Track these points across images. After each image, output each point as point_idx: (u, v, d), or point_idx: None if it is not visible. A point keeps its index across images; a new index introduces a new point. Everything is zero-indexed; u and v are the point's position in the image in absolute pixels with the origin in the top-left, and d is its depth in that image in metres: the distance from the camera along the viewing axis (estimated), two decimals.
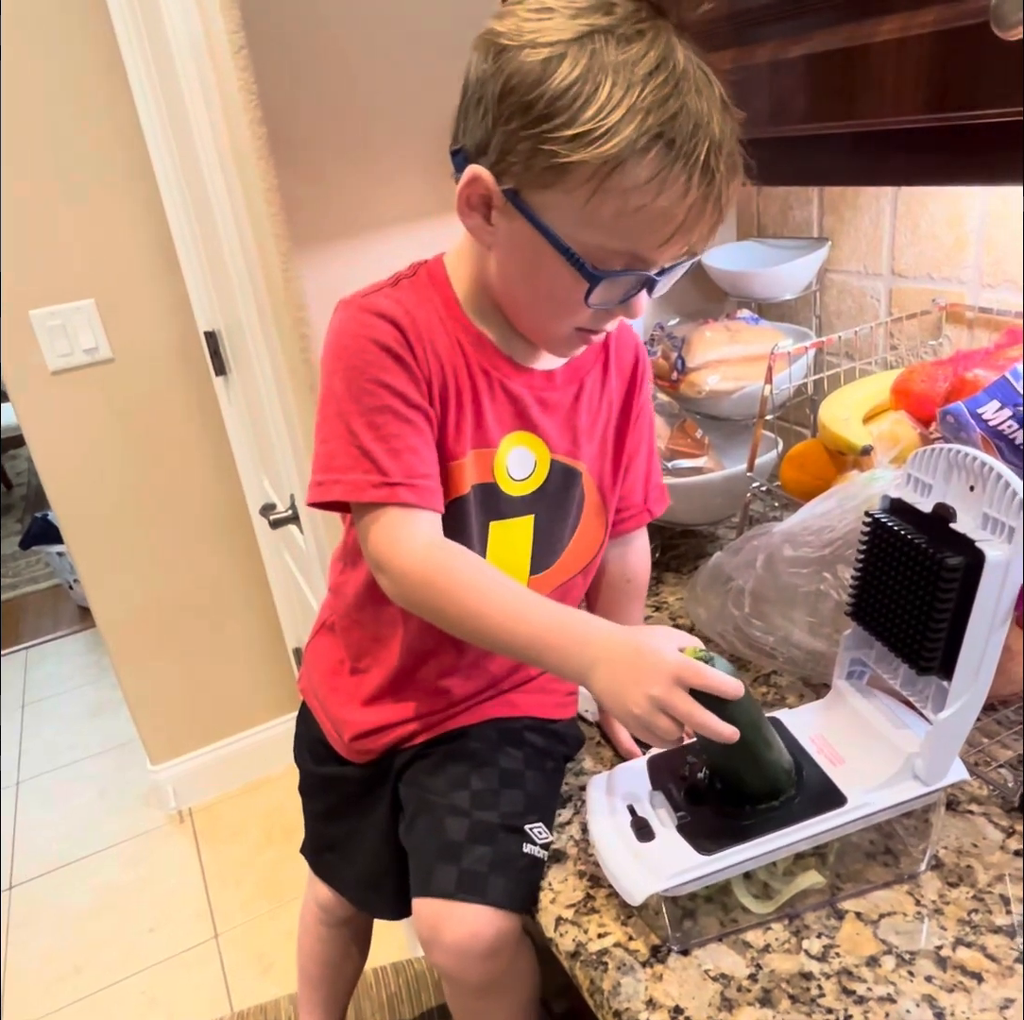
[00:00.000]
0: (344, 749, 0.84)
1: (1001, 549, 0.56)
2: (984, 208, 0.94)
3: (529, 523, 0.77)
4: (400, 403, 0.67)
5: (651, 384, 0.84)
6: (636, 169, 0.57)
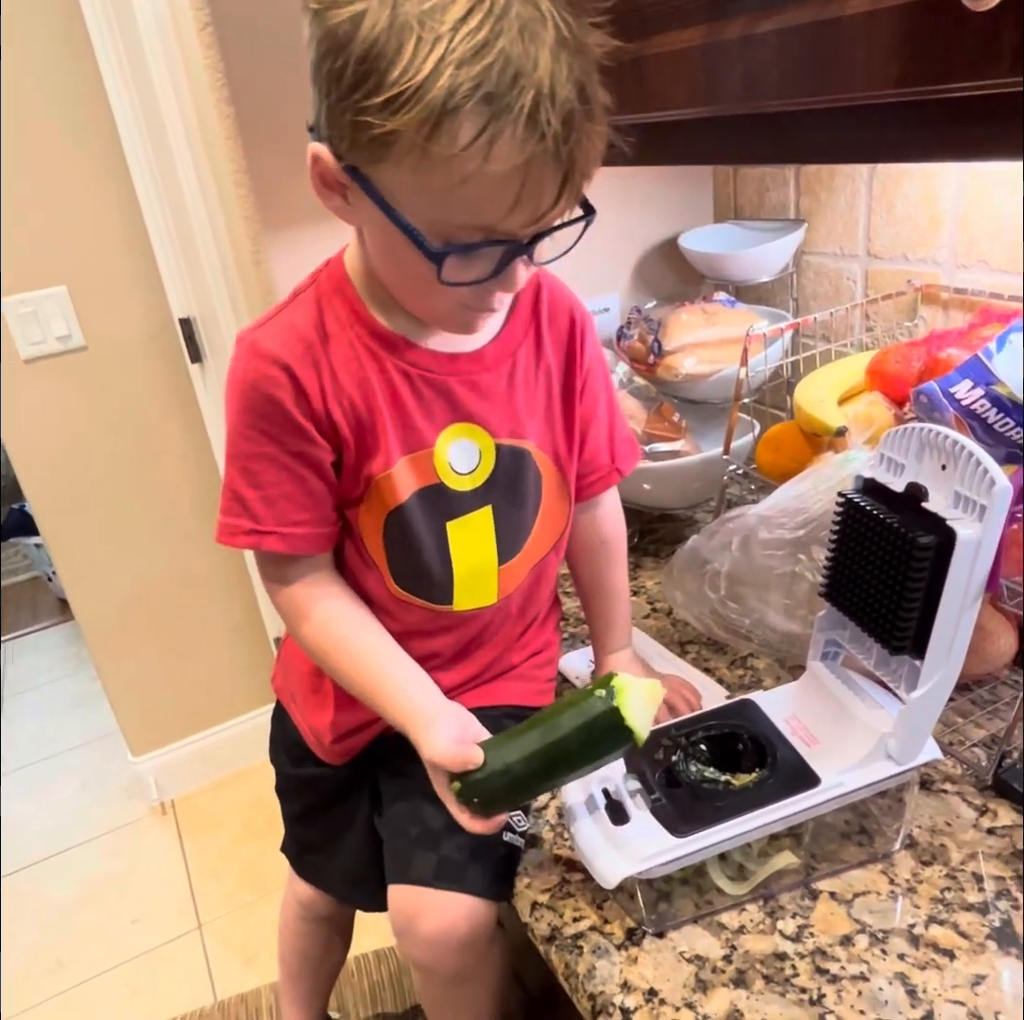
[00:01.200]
0: (324, 752, 0.83)
1: (972, 527, 0.56)
2: (958, 187, 0.94)
3: (488, 515, 0.74)
4: (278, 451, 0.66)
5: (596, 343, 0.79)
6: (454, 132, 0.50)
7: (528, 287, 0.73)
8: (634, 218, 1.25)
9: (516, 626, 0.81)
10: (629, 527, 1.15)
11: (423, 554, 0.72)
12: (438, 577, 0.73)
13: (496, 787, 0.64)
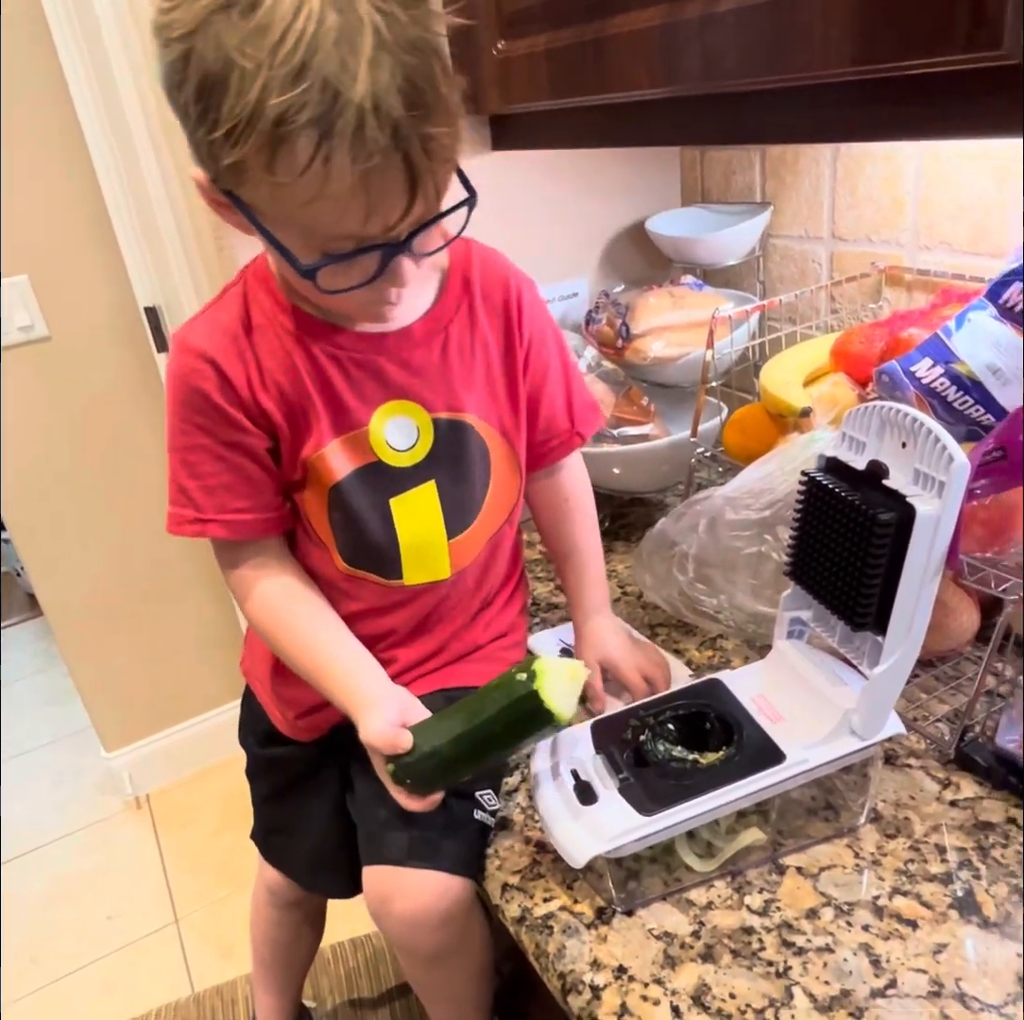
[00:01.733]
0: (290, 729, 0.83)
1: (932, 504, 0.57)
2: (919, 169, 0.95)
3: (431, 490, 0.74)
4: (212, 442, 0.69)
5: (539, 309, 0.79)
6: (290, 158, 0.51)
7: (458, 260, 0.74)
8: (601, 203, 1.25)
9: (474, 600, 0.81)
10: (600, 512, 1.15)
11: (368, 531, 0.73)
12: (385, 553, 0.74)
13: (426, 768, 0.67)
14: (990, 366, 0.66)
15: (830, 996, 0.56)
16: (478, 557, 0.79)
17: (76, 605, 1.84)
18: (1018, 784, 0.68)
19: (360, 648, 0.75)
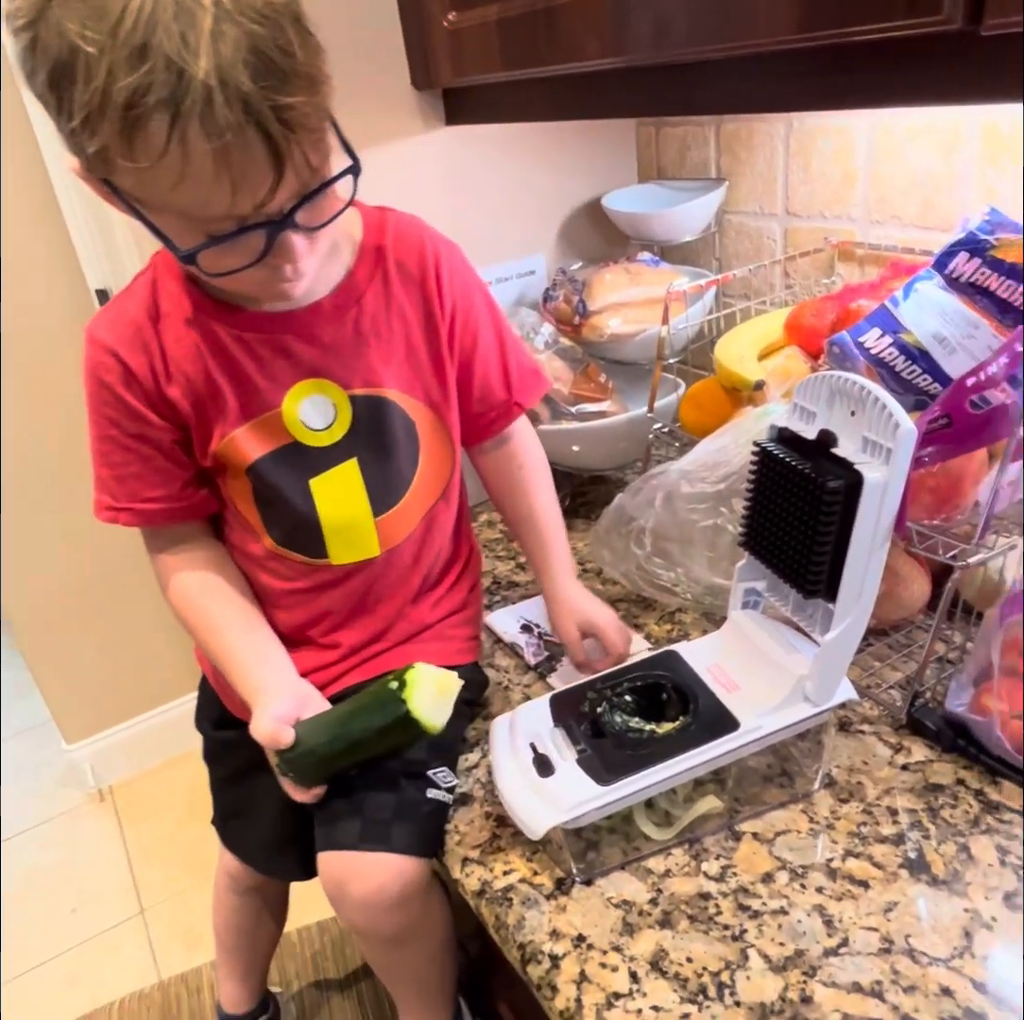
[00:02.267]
0: (240, 710, 0.82)
1: (879, 470, 0.57)
2: (869, 143, 0.95)
3: (353, 468, 0.73)
4: (120, 434, 0.70)
5: (464, 275, 0.76)
6: (147, 142, 0.49)
7: (372, 230, 0.72)
8: (558, 179, 1.24)
9: (413, 577, 0.80)
10: (561, 491, 1.15)
11: (290, 512, 0.73)
12: (309, 533, 0.74)
13: (306, 764, 0.70)
14: (936, 335, 0.67)
15: (784, 956, 0.57)
16: (413, 534, 0.78)
17: (34, 597, 1.80)
18: (966, 746, 0.70)
19: (268, 639, 0.76)
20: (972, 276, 0.68)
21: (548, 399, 1.05)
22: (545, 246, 1.25)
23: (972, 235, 0.67)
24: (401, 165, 1.11)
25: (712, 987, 0.56)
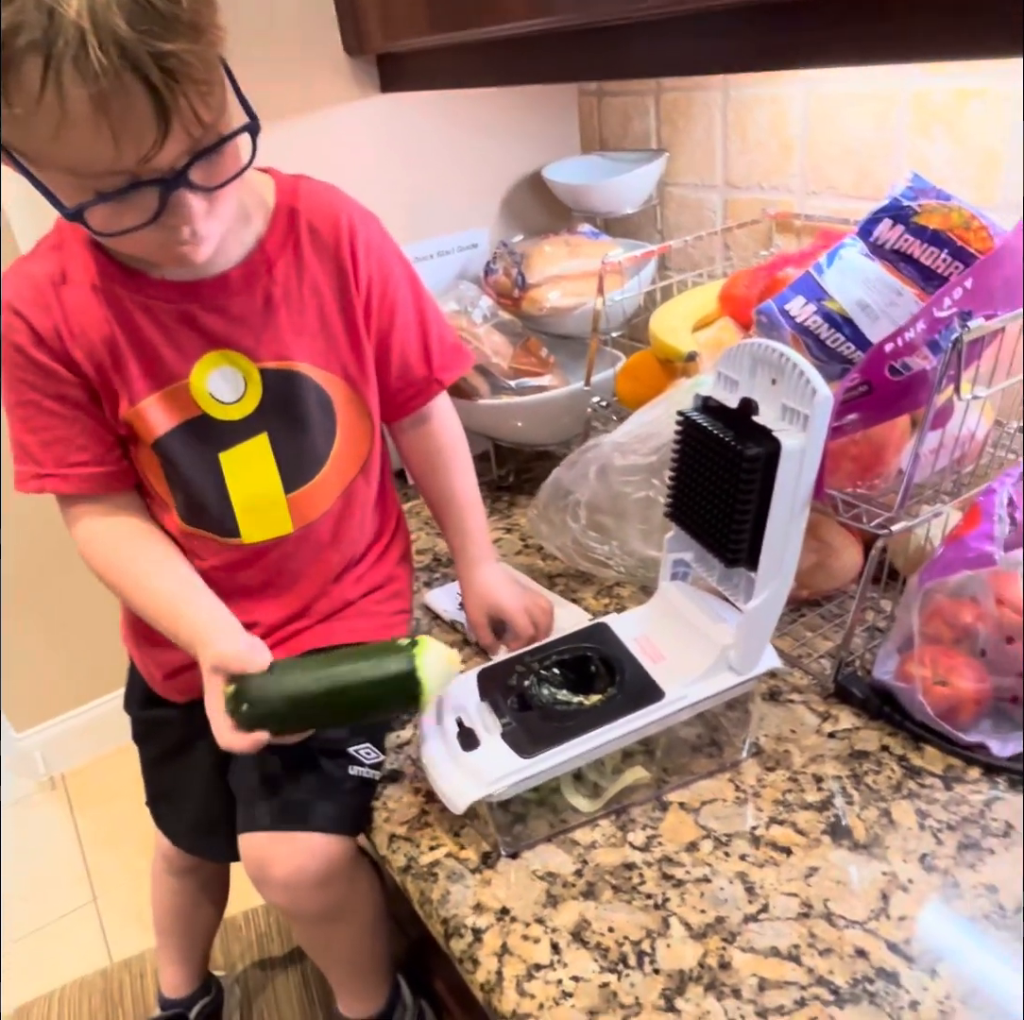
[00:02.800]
0: (162, 689, 0.81)
1: (797, 438, 0.57)
2: (804, 111, 0.95)
3: (264, 443, 0.71)
4: (40, 396, 0.67)
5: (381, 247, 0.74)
6: (21, 86, 0.47)
7: (285, 198, 0.70)
8: (501, 151, 1.22)
9: (332, 554, 0.78)
10: (504, 466, 1.14)
11: (198, 488, 0.71)
12: (218, 509, 0.72)
13: (271, 699, 0.63)
14: (860, 303, 0.67)
15: (705, 924, 0.57)
16: (330, 510, 0.76)
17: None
18: (892, 713, 0.70)
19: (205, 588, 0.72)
20: (896, 243, 0.68)
21: (487, 373, 1.04)
22: (488, 219, 1.24)
23: (896, 202, 0.67)
24: (337, 134, 1.08)
25: (632, 956, 0.56)
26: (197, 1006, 1.03)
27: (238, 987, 1.10)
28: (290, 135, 1.08)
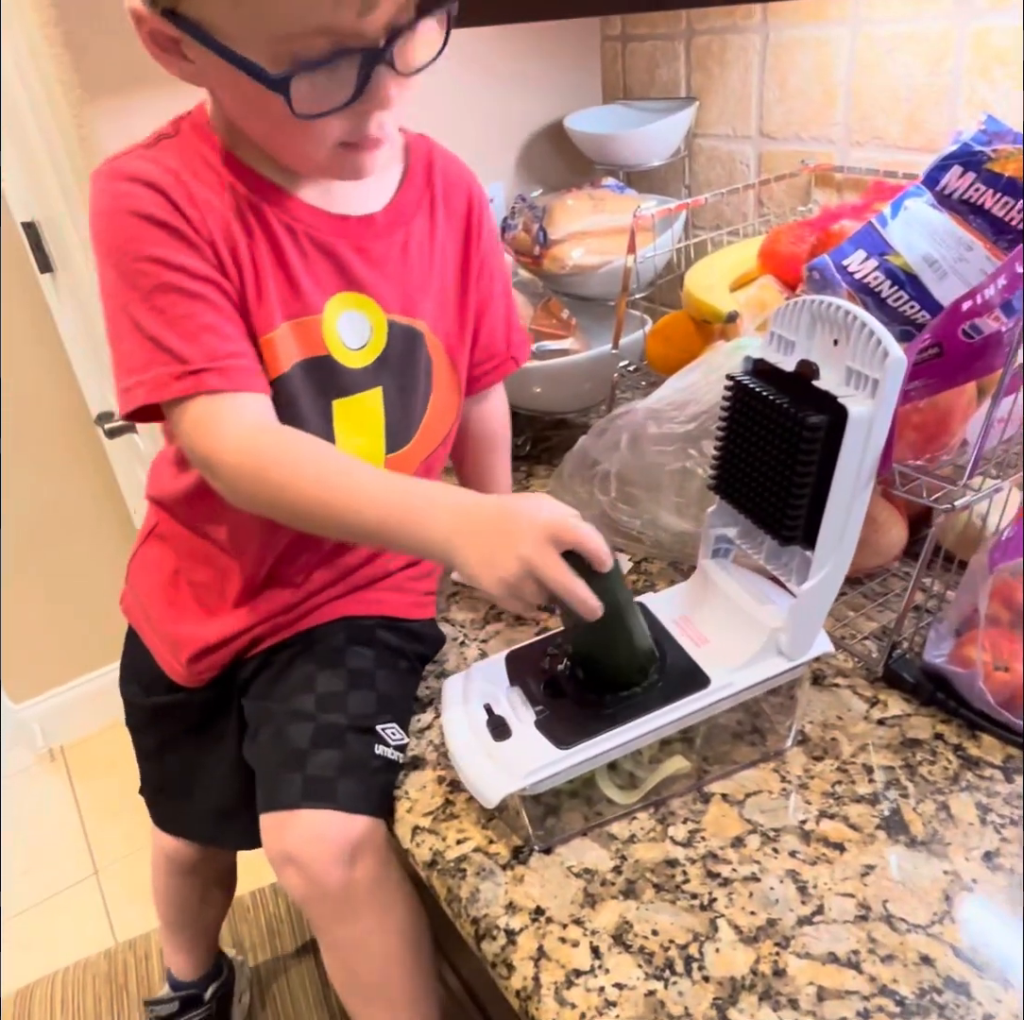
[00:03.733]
0: (180, 673, 0.76)
1: (865, 404, 0.52)
2: (851, 55, 0.88)
3: (377, 397, 0.68)
4: (183, 277, 0.58)
5: (493, 225, 0.75)
6: None
7: (420, 156, 0.69)
8: (518, 101, 1.16)
9: None
10: (521, 435, 1.09)
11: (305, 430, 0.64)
12: None
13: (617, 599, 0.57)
14: (926, 258, 0.62)
15: (756, 926, 0.54)
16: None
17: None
18: (945, 699, 0.66)
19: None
20: (966, 192, 0.62)
21: None
22: (505, 172, 1.17)
23: (966, 147, 0.61)
24: None
25: (679, 961, 0.52)
26: (211, 988, 0.99)
27: (248, 968, 1.07)
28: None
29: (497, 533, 0.55)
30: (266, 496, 0.60)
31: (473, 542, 0.56)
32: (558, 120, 1.15)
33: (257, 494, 0.60)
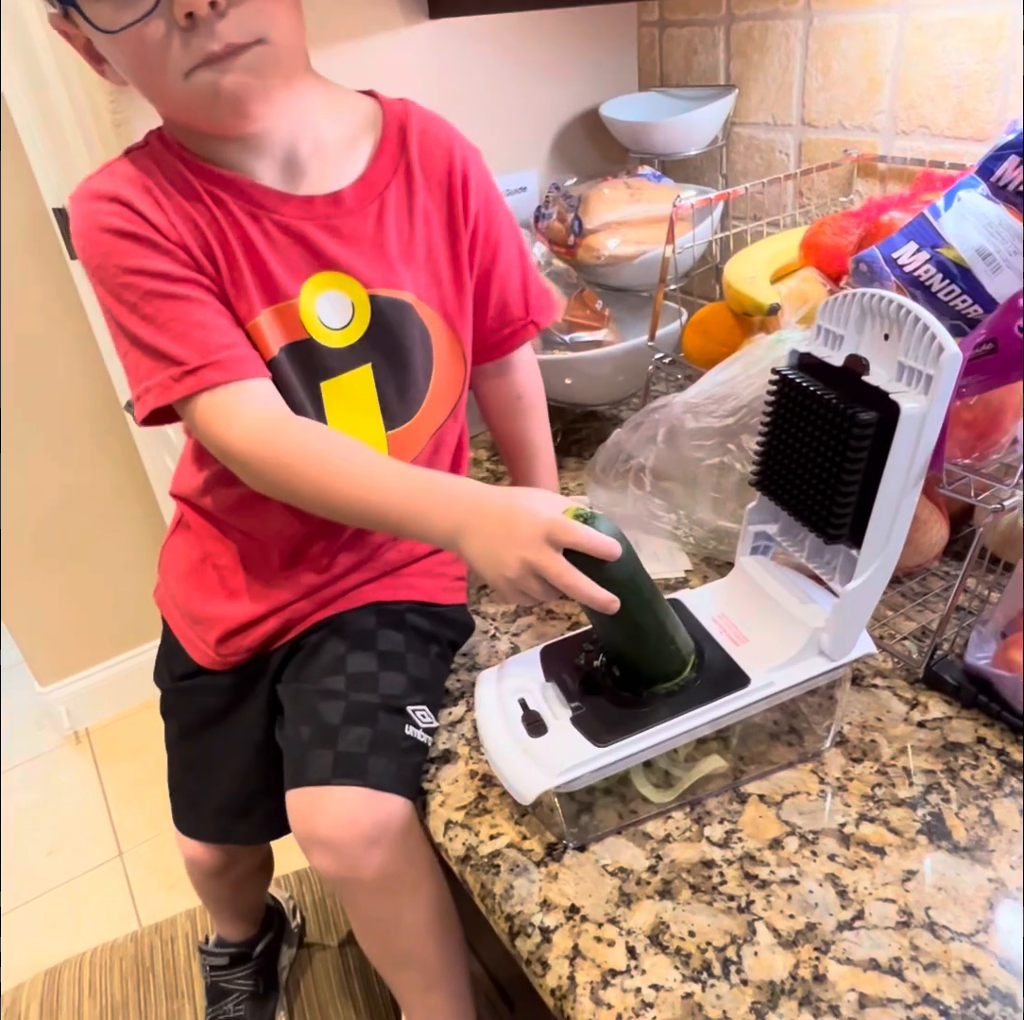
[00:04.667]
0: (207, 656, 0.76)
1: (917, 400, 0.51)
2: (898, 42, 0.86)
3: (367, 374, 0.68)
4: (164, 283, 0.60)
5: (487, 182, 0.72)
6: None
7: (393, 119, 0.68)
8: (552, 88, 1.14)
9: None
10: (552, 426, 1.08)
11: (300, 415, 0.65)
12: None
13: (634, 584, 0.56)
14: (980, 251, 0.60)
15: (795, 930, 0.53)
16: (420, 454, 0.73)
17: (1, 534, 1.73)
18: (988, 703, 0.65)
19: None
20: (1022, 183, 0.60)
21: None
22: (538, 160, 1.16)
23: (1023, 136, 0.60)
24: (380, 63, 1.01)
25: (717, 964, 0.52)
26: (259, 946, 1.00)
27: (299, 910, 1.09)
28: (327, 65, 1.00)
29: (501, 531, 0.56)
30: (283, 482, 0.62)
31: (479, 538, 0.57)
32: (593, 108, 1.14)
33: (274, 480, 0.62)
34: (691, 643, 0.61)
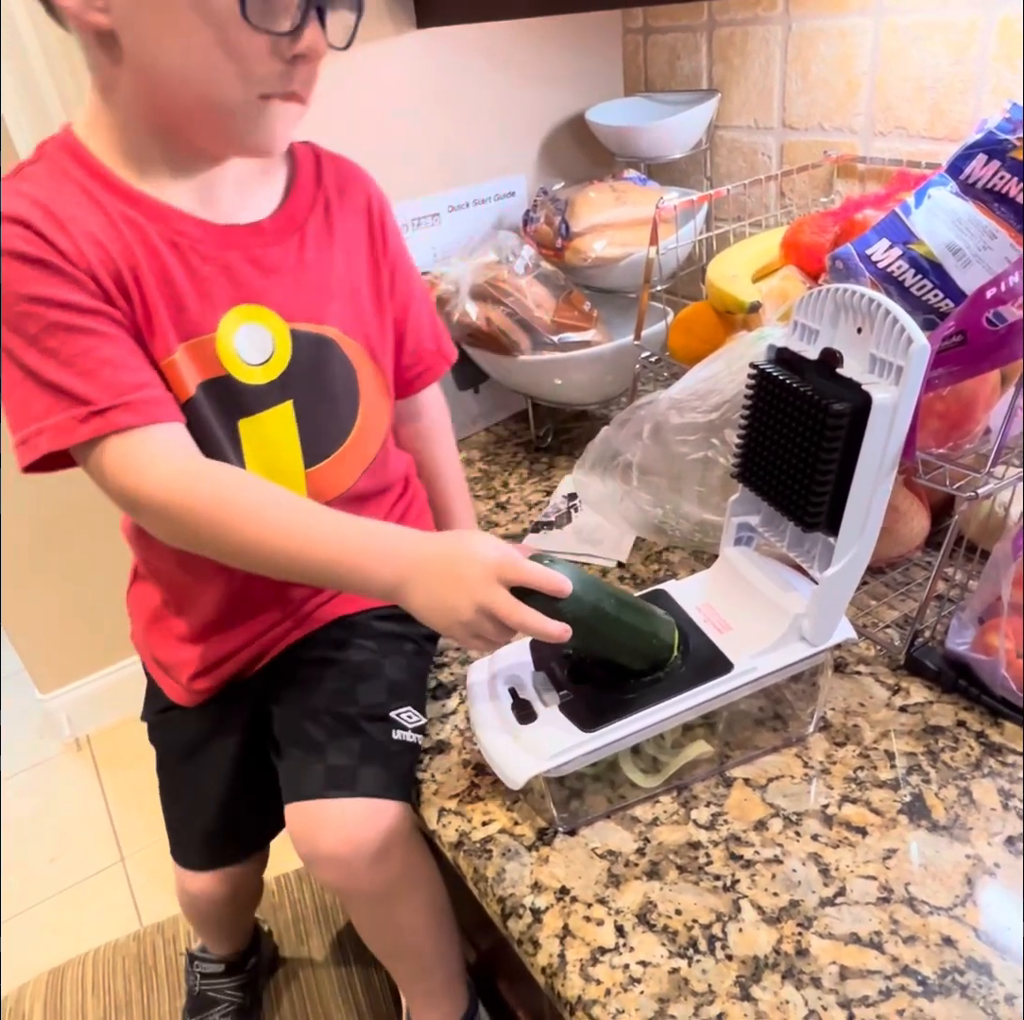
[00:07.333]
0: (182, 695, 0.77)
1: (889, 391, 0.53)
2: (874, 45, 0.88)
3: (288, 411, 0.65)
4: (70, 314, 0.54)
5: (397, 227, 0.73)
6: None
7: (306, 159, 0.68)
8: (539, 94, 1.16)
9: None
10: (542, 426, 1.10)
11: (215, 456, 0.62)
12: None
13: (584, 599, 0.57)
14: (950, 246, 0.62)
15: (778, 907, 0.54)
16: (353, 487, 0.71)
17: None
18: (968, 687, 0.67)
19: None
20: (990, 181, 0.62)
21: (529, 328, 0.99)
22: (526, 165, 1.18)
23: (991, 135, 0.62)
24: (369, 72, 1.03)
25: (703, 940, 0.53)
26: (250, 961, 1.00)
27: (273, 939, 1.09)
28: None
29: (448, 579, 0.55)
30: (202, 535, 0.57)
31: (423, 589, 0.56)
32: (580, 113, 1.16)
33: (192, 533, 0.58)
34: (672, 625, 0.62)
